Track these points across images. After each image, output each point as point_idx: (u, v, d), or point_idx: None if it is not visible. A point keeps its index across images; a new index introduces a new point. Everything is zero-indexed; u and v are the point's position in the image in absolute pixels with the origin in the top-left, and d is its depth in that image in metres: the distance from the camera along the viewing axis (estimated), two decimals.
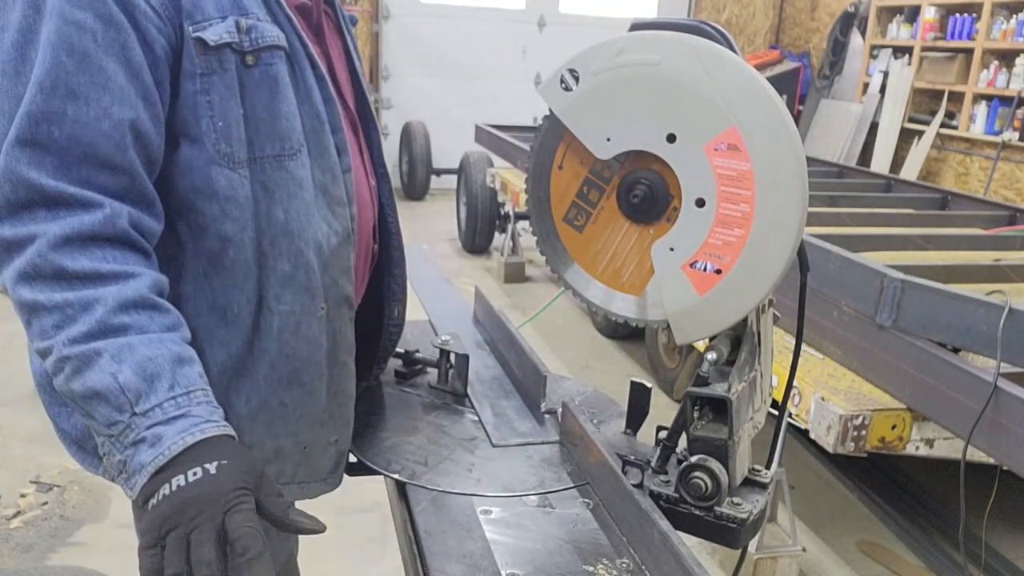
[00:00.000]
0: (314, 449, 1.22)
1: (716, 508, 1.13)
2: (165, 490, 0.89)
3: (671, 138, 1.08)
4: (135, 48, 0.98)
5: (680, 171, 1.09)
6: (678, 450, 1.21)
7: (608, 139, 1.13)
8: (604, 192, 1.18)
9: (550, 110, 1.17)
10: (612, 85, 1.10)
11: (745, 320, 1.14)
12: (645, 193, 1.13)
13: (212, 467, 0.90)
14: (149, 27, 0.99)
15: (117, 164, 0.98)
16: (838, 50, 8.81)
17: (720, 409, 1.13)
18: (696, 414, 1.16)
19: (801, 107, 9.14)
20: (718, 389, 1.12)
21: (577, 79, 1.12)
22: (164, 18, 1.00)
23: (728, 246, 1.07)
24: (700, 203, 1.08)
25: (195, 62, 1.03)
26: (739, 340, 1.18)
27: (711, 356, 1.13)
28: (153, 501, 0.90)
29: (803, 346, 2.61)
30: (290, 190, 1.12)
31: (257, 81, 1.07)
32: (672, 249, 1.12)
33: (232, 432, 0.98)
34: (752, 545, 2.56)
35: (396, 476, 1.31)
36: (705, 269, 1.10)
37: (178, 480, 0.89)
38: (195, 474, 0.89)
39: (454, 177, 7.21)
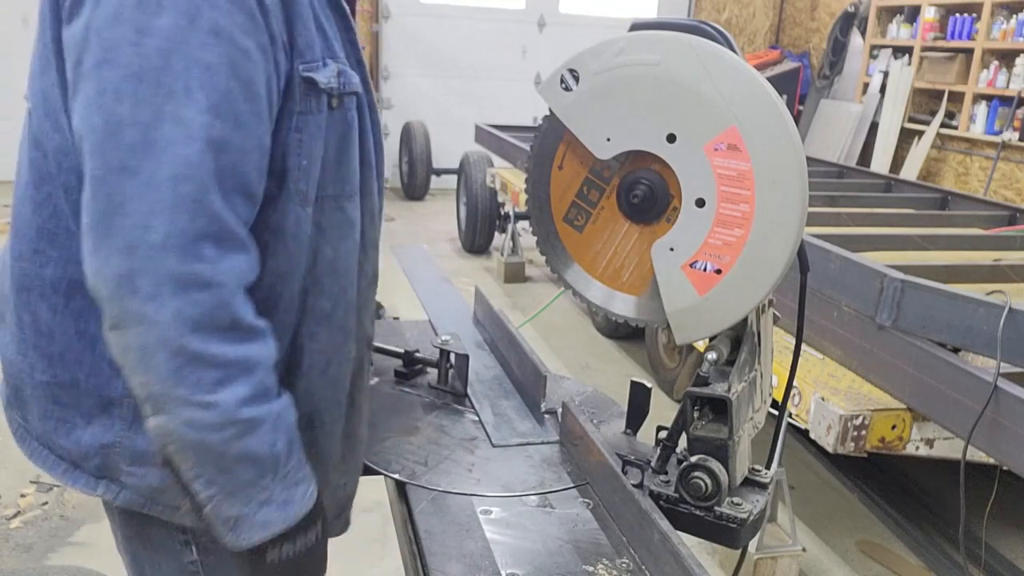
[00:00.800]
0: (323, 493, 1.16)
1: (716, 508, 1.13)
2: (285, 552, 1.00)
3: (671, 138, 1.08)
4: (274, 80, 0.96)
5: (680, 171, 1.09)
6: (678, 450, 1.21)
7: (608, 139, 1.13)
8: (604, 192, 1.18)
9: (550, 110, 1.17)
10: (612, 85, 1.10)
11: (745, 320, 1.14)
12: (645, 193, 1.13)
13: (313, 536, 1.03)
14: (280, 57, 0.97)
15: (256, 195, 0.96)
16: (838, 50, 8.81)
17: (720, 409, 1.13)
18: (696, 414, 1.16)
19: (801, 107, 9.14)
20: (718, 389, 1.12)
21: (577, 79, 1.12)
22: (286, 54, 0.98)
23: (728, 246, 1.08)
24: (700, 203, 1.09)
25: (296, 100, 1.00)
26: (739, 340, 1.18)
27: (711, 356, 1.13)
28: (273, 556, 0.99)
29: (803, 346, 2.60)
30: (343, 230, 1.11)
31: (336, 124, 1.06)
32: (672, 249, 1.12)
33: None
34: (752, 545, 2.56)
35: (396, 476, 1.31)
36: (705, 269, 1.10)
37: (290, 548, 1.01)
38: (305, 544, 1.03)
39: (454, 177, 7.21)
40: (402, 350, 1.69)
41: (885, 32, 8.30)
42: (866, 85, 8.33)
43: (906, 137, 7.77)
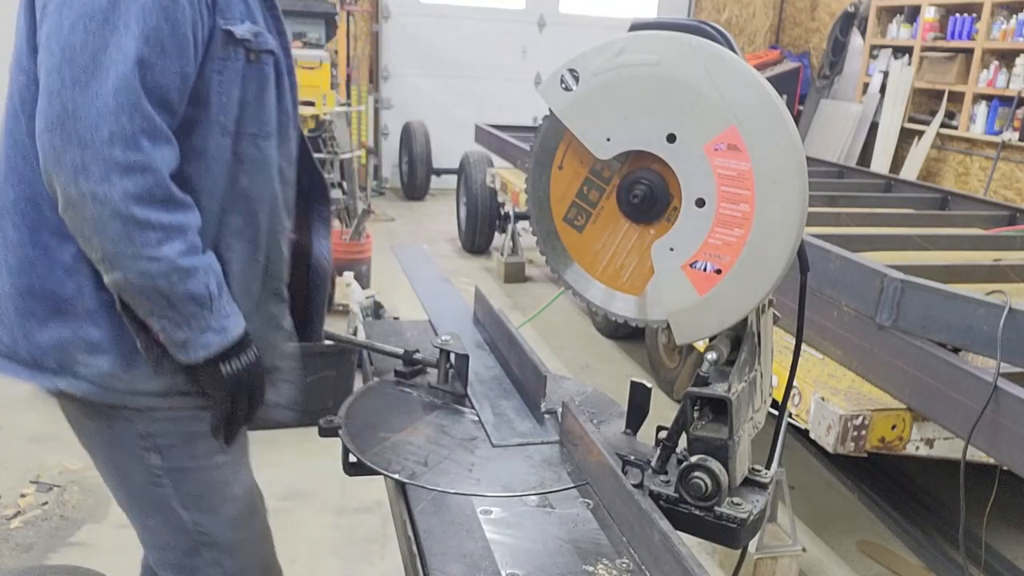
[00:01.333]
0: None
1: (716, 508, 1.13)
2: (233, 365, 1.32)
3: (671, 138, 1.08)
4: (199, 26, 1.24)
5: (680, 171, 1.09)
6: (678, 450, 1.21)
7: (608, 139, 1.13)
8: (604, 192, 1.18)
9: (550, 110, 1.17)
10: (612, 85, 1.10)
11: (745, 320, 1.14)
12: (645, 193, 1.13)
13: (251, 356, 1.34)
14: (204, 12, 1.25)
15: (175, 110, 1.24)
16: (838, 50, 8.81)
17: (720, 409, 1.13)
18: (696, 414, 1.16)
19: (801, 107, 9.14)
20: (718, 389, 1.12)
21: (577, 79, 1.13)
22: (209, 10, 1.26)
23: (728, 246, 1.07)
24: (700, 203, 1.09)
25: (218, 48, 1.28)
26: (739, 340, 1.18)
27: (711, 356, 1.13)
28: (226, 369, 1.31)
29: (803, 346, 2.60)
30: (258, 164, 1.37)
31: (254, 75, 1.33)
32: (672, 249, 1.12)
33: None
34: (752, 545, 2.56)
35: (396, 476, 1.31)
36: (705, 269, 1.10)
37: (236, 363, 1.32)
38: (247, 360, 1.34)
39: (454, 177, 7.21)
40: (402, 350, 1.69)
41: (885, 32, 8.30)
42: (866, 85, 8.33)
43: (906, 137, 7.77)
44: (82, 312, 1.30)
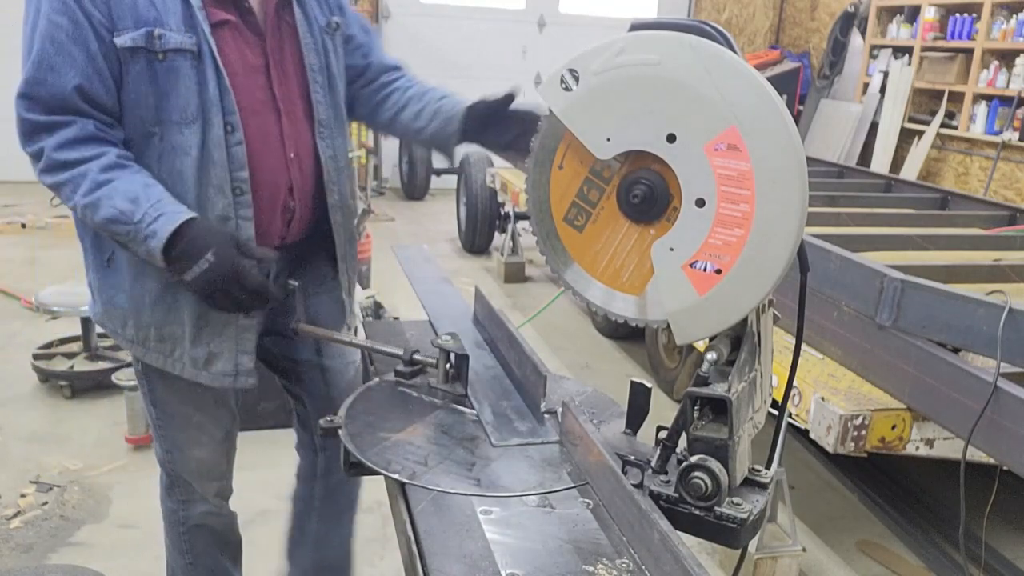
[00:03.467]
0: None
1: (716, 508, 1.13)
2: (189, 275, 1.52)
3: (671, 138, 1.08)
4: (92, 40, 1.52)
5: (680, 171, 1.09)
6: (678, 450, 1.21)
7: (608, 139, 1.13)
8: (604, 192, 1.18)
9: (550, 110, 1.17)
10: (612, 85, 1.10)
11: (745, 320, 1.14)
12: (645, 193, 1.13)
13: (210, 255, 1.51)
14: (101, 28, 1.52)
15: (80, 109, 1.53)
16: (838, 50, 8.81)
17: (720, 409, 1.13)
18: (696, 414, 1.16)
19: (801, 107, 9.14)
20: (718, 389, 1.12)
21: (577, 79, 1.13)
22: (106, 24, 1.52)
23: (728, 246, 1.07)
24: (700, 203, 1.08)
25: (124, 55, 1.54)
26: (739, 340, 1.18)
27: (711, 356, 1.12)
28: (189, 276, 1.52)
29: (803, 346, 2.60)
30: (180, 148, 1.60)
31: (166, 70, 1.56)
32: (672, 249, 1.12)
33: (195, 214, 1.54)
34: (752, 545, 2.56)
35: (396, 476, 1.31)
36: (705, 269, 1.10)
37: (197, 268, 1.51)
38: (200, 265, 1.51)
39: (454, 177, 7.21)
40: (402, 350, 1.69)
41: (885, 32, 8.30)
42: (866, 85, 8.33)
43: (906, 137, 7.77)
44: (92, 261, 1.76)
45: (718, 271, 1.09)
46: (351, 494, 2.29)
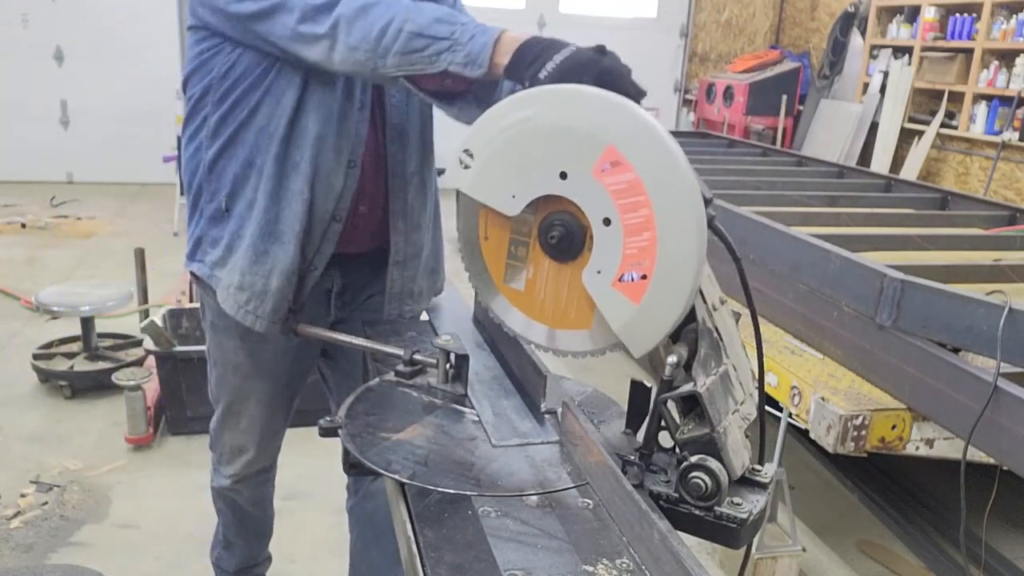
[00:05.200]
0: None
1: (716, 508, 1.14)
2: (550, 66, 1.31)
3: (563, 175, 1.18)
4: None
5: (580, 201, 1.18)
6: (678, 452, 1.21)
7: (513, 196, 1.23)
8: (529, 245, 1.27)
9: (458, 192, 1.27)
10: (502, 148, 1.21)
11: (695, 318, 1.20)
12: (561, 232, 1.22)
13: (571, 47, 1.33)
14: None
15: None
16: (838, 50, 8.81)
17: (695, 406, 1.15)
18: (678, 419, 1.18)
19: (801, 107, 9.14)
20: (686, 388, 1.14)
21: (472, 155, 1.24)
22: None
23: (643, 251, 1.15)
24: (607, 222, 1.16)
25: None
26: (697, 340, 1.20)
27: (672, 359, 1.16)
28: (544, 73, 1.31)
29: (803, 346, 2.60)
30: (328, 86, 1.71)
31: None
32: (599, 272, 1.19)
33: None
34: (752, 545, 2.56)
35: (396, 476, 1.31)
36: (632, 279, 1.16)
37: (554, 60, 1.32)
38: (563, 54, 1.32)
39: None
40: (402, 350, 1.69)
41: (885, 32, 8.31)
42: (866, 85, 8.34)
43: (906, 137, 7.78)
44: (208, 216, 1.82)
45: (643, 276, 1.15)
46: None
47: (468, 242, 1.31)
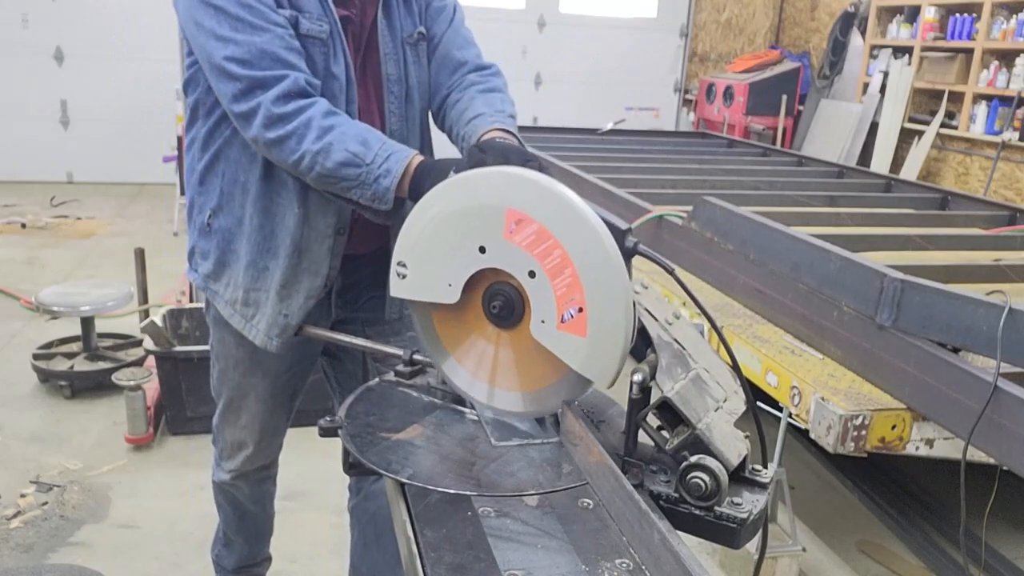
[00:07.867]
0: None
1: (716, 508, 1.14)
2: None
3: (482, 249, 1.27)
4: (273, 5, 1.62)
5: (505, 265, 1.27)
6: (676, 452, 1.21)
7: (449, 284, 1.32)
8: (482, 322, 1.36)
9: (407, 302, 1.40)
10: (424, 246, 1.33)
11: (648, 337, 1.25)
12: (501, 302, 1.30)
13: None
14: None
15: (285, 60, 1.60)
16: (838, 50, 8.81)
17: (672, 413, 1.16)
18: (668, 434, 1.18)
19: (801, 107, 9.14)
20: (657, 398, 1.16)
21: (405, 265, 1.35)
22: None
23: (571, 287, 1.22)
24: (532, 275, 1.25)
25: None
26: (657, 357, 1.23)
27: (637, 377, 1.18)
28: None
29: (803, 346, 2.59)
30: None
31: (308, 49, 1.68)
32: (543, 321, 1.26)
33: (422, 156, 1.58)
34: (752, 545, 2.56)
35: (396, 476, 1.31)
36: (572, 315, 1.23)
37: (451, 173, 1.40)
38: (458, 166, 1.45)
39: None
40: (402, 350, 1.69)
41: (885, 32, 8.31)
42: (866, 85, 8.34)
43: (906, 137, 7.78)
44: (198, 227, 1.87)
45: (580, 309, 1.22)
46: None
47: (431, 342, 1.46)
